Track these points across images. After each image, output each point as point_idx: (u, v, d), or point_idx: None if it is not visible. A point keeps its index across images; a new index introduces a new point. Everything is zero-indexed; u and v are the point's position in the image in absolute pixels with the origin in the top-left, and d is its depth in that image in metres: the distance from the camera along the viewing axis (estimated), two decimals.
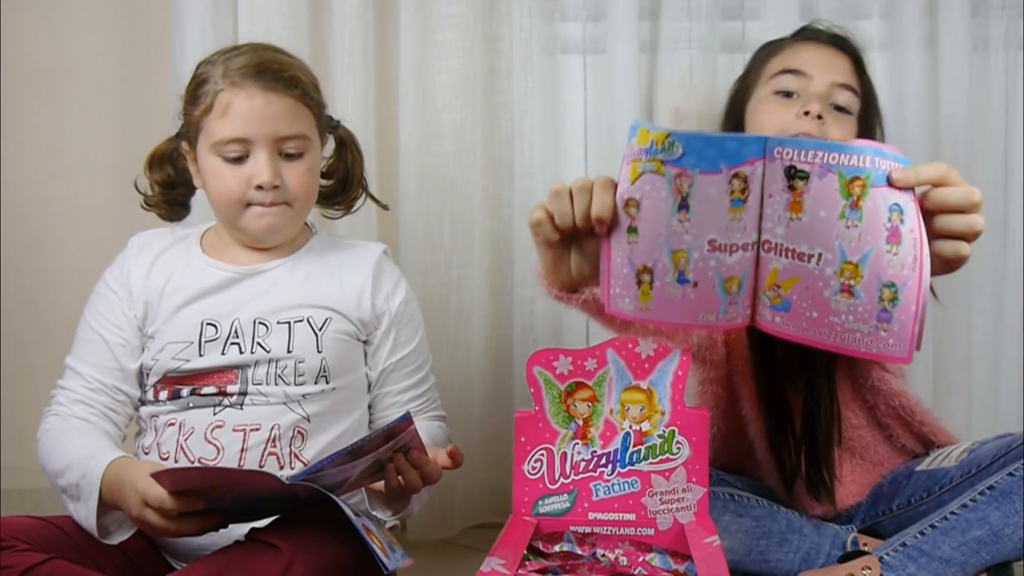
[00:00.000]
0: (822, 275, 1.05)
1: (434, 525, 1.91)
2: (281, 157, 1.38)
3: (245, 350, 1.38)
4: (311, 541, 1.16)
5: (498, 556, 1.21)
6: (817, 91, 1.46)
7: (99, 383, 1.39)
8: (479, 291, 1.92)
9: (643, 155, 1.04)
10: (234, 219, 1.40)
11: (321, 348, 1.40)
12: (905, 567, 1.42)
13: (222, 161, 1.37)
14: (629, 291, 1.10)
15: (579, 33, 1.91)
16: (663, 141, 1.03)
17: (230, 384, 1.37)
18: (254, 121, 1.35)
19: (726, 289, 1.08)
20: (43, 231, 2.02)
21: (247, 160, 1.37)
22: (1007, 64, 1.88)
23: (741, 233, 1.06)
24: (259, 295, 1.41)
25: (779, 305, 1.08)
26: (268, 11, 1.82)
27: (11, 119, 1.99)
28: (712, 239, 1.06)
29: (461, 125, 1.89)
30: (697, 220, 1.05)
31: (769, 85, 1.51)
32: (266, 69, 1.37)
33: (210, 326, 1.39)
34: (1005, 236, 1.89)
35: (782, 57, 1.52)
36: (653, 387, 1.35)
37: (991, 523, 1.43)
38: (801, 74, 1.48)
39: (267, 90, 1.36)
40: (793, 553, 1.50)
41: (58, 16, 2.00)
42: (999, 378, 1.86)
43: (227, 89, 1.36)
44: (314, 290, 1.42)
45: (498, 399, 1.94)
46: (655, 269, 1.07)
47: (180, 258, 1.44)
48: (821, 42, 1.52)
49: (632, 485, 1.34)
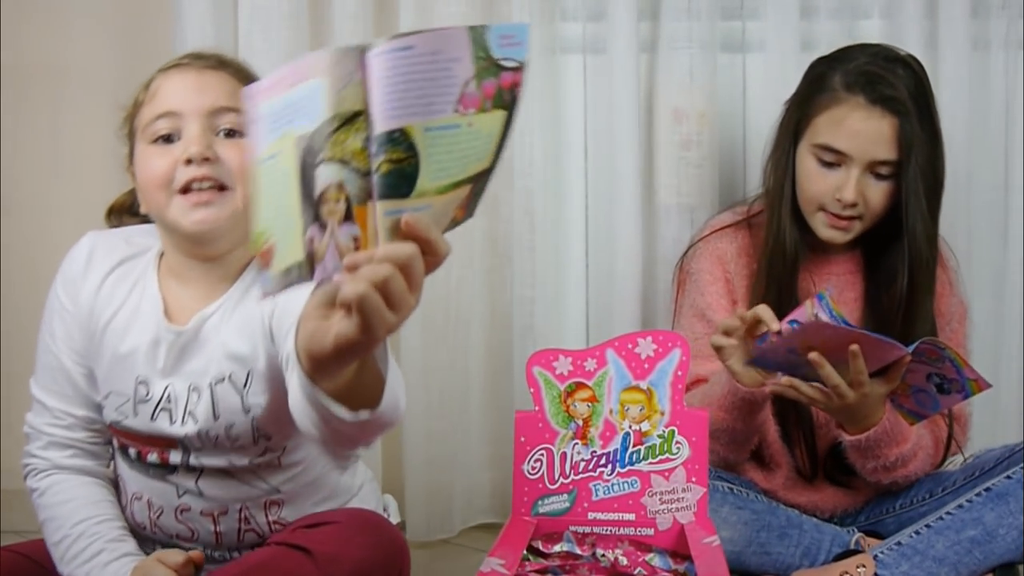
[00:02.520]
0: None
1: (434, 525, 1.91)
2: (218, 135, 1.22)
3: (176, 419, 1.26)
4: (342, 542, 1.15)
5: (498, 556, 1.21)
6: (855, 176, 1.52)
7: (70, 417, 1.32)
8: (479, 292, 1.92)
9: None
10: (162, 213, 1.23)
11: (248, 407, 1.24)
12: (899, 565, 1.43)
13: (148, 144, 1.23)
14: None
15: (579, 33, 1.91)
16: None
17: (172, 450, 1.27)
18: (184, 92, 1.23)
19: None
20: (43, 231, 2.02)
21: (177, 140, 1.22)
22: (1007, 64, 1.88)
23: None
24: (197, 352, 1.25)
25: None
26: (268, 11, 1.82)
27: (11, 119, 1.99)
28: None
29: None
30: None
31: (814, 143, 1.54)
32: (201, 55, 1.28)
33: (142, 385, 1.27)
34: (1005, 236, 1.89)
35: (829, 119, 1.53)
36: (653, 387, 1.35)
37: (985, 523, 1.44)
38: (842, 154, 1.52)
39: (201, 68, 1.25)
40: (794, 547, 1.50)
41: (58, 15, 1.99)
42: (999, 378, 1.85)
43: (159, 76, 1.26)
44: (234, 338, 1.24)
45: (498, 399, 1.94)
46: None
47: (134, 288, 1.29)
48: (870, 101, 1.51)
49: (632, 485, 1.34)
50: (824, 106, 1.54)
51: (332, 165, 0.76)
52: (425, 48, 0.74)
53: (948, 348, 1.40)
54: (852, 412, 1.44)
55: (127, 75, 2.00)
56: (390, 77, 0.74)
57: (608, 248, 1.87)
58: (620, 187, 1.85)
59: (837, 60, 1.57)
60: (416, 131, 0.75)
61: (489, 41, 0.76)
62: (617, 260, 1.86)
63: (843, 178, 1.52)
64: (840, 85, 1.53)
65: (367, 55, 0.75)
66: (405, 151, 0.75)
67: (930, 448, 1.56)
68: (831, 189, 1.53)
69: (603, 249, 1.89)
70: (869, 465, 1.52)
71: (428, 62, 0.74)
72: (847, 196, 1.51)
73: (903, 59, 1.55)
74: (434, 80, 0.75)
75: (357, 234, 0.77)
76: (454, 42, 0.76)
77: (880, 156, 1.51)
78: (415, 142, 0.75)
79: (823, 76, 1.56)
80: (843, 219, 1.54)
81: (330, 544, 1.14)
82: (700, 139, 1.86)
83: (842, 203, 1.52)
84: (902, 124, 1.50)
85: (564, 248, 1.93)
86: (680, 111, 1.87)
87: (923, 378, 1.43)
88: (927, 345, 1.40)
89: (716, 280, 1.62)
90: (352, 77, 0.75)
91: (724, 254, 1.63)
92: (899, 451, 1.50)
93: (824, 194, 1.54)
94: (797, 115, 1.57)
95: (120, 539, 1.28)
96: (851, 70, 1.53)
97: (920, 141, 1.50)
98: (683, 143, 1.87)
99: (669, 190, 1.87)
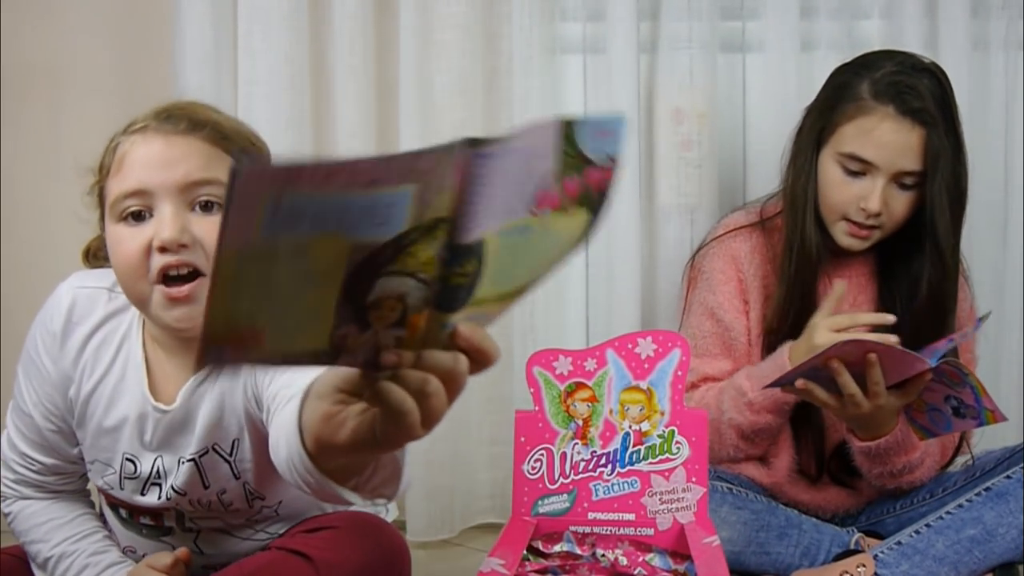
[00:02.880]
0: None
1: (435, 525, 1.91)
2: (194, 211, 1.12)
3: (163, 494, 1.23)
4: (341, 547, 1.14)
5: (498, 556, 1.21)
6: (880, 186, 1.51)
7: (40, 464, 1.28)
8: None
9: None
10: (143, 304, 1.15)
11: (238, 472, 1.22)
12: (899, 564, 1.43)
13: (117, 223, 1.13)
14: None
15: (579, 33, 1.90)
16: None
17: (165, 515, 1.25)
18: (152, 167, 1.11)
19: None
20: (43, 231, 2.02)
21: (149, 218, 1.12)
22: (1007, 64, 1.88)
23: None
24: (184, 427, 1.21)
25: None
26: (268, 11, 1.81)
27: (11, 119, 1.99)
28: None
29: (461, 125, 1.88)
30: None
31: (840, 151, 1.53)
32: (172, 115, 1.15)
33: (129, 462, 1.23)
34: (1005, 236, 1.89)
35: (856, 129, 1.52)
36: (653, 387, 1.35)
37: (985, 522, 1.45)
38: (868, 163, 1.51)
39: (169, 134, 1.13)
40: (793, 547, 1.50)
41: (58, 15, 1.99)
42: (999, 377, 1.85)
43: (124, 140, 1.15)
44: (232, 397, 1.19)
45: (498, 399, 1.94)
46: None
47: (119, 354, 1.23)
48: (899, 112, 1.49)
49: (632, 485, 1.34)
50: (851, 115, 1.52)
51: (399, 277, 0.63)
52: (521, 146, 0.64)
53: (971, 375, 1.39)
54: (865, 420, 1.45)
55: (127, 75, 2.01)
56: (483, 183, 0.62)
57: (608, 248, 1.87)
58: (620, 187, 1.84)
59: (863, 68, 1.55)
60: (490, 238, 0.65)
61: (580, 133, 0.67)
62: (617, 260, 1.86)
63: (868, 187, 1.51)
64: (868, 94, 1.51)
65: (468, 155, 0.61)
66: (479, 262, 0.65)
67: (937, 455, 1.57)
68: (855, 198, 1.52)
69: (603, 249, 1.89)
70: (876, 470, 1.53)
71: (518, 162, 0.64)
72: (872, 206, 1.51)
73: (929, 68, 1.54)
74: (516, 180, 0.64)
75: (402, 335, 0.65)
76: (545, 136, 0.66)
77: (907, 167, 1.50)
78: (487, 250, 0.65)
79: (849, 84, 1.54)
80: (864, 228, 1.54)
81: (329, 550, 1.14)
82: (700, 139, 1.86)
83: (866, 213, 1.52)
84: (930, 135, 1.49)
85: None
86: (680, 111, 1.87)
87: (941, 399, 1.43)
88: (950, 367, 1.39)
89: (729, 280, 1.62)
90: (444, 183, 0.61)
91: (738, 254, 1.63)
92: (907, 459, 1.51)
93: (848, 203, 1.53)
94: (821, 122, 1.56)
95: (102, 551, 1.26)
96: (879, 79, 1.51)
97: (946, 153, 1.50)
98: (683, 143, 1.87)
99: (669, 190, 1.87)
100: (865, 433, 1.48)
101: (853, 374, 1.38)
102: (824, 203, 1.56)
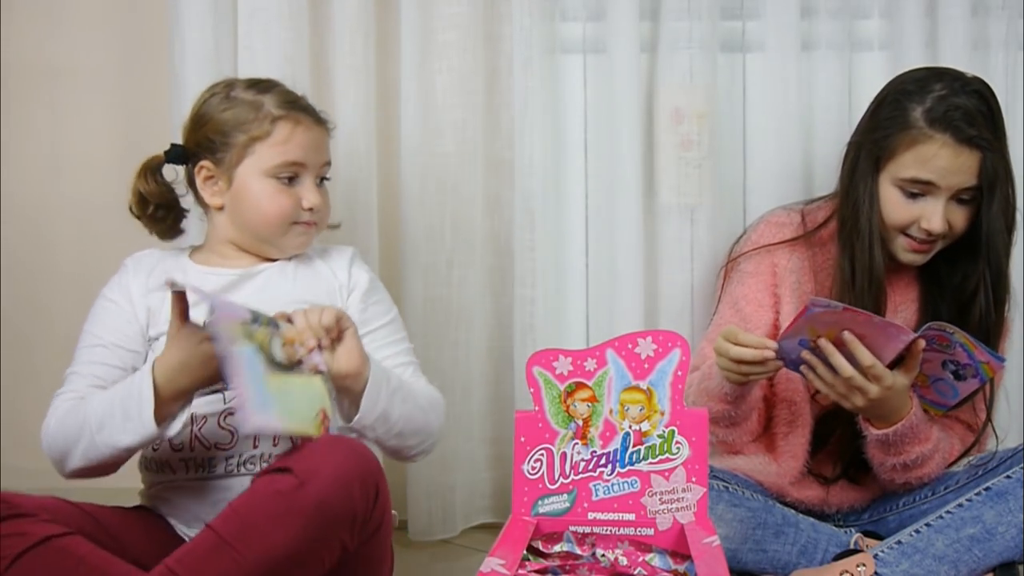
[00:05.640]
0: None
1: (434, 525, 1.91)
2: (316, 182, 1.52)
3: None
4: (319, 456, 1.21)
5: (498, 556, 1.21)
6: (941, 205, 1.53)
7: (99, 380, 1.42)
8: (480, 291, 1.92)
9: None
10: (275, 237, 1.51)
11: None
12: (899, 563, 1.44)
13: (276, 182, 1.49)
14: None
15: (579, 33, 1.91)
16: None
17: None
18: (310, 149, 1.50)
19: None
20: (43, 231, 2.02)
21: (294, 184, 1.50)
22: (1007, 64, 1.88)
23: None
24: (254, 295, 1.47)
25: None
26: (268, 11, 1.81)
27: (11, 119, 1.99)
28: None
29: (462, 125, 1.89)
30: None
31: (900, 176, 1.54)
32: (307, 106, 1.53)
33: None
34: None
35: (915, 157, 1.52)
36: (653, 387, 1.35)
37: (985, 521, 1.45)
38: (929, 184, 1.52)
39: (316, 123, 1.52)
40: (790, 545, 1.51)
41: (58, 15, 2.00)
42: None
43: (286, 119, 1.49)
44: (301, 288, 1.51)
45: (498, 399, 1.94)
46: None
47: (175, 271, 1.49)
48: (957, 141, 1.50)
49: (632, 485, 1.34)
50: (908, 144, 1.53)
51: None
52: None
53: (956, 332, 1.42)
54: (880, 406, 1.47)
55: (127, 75, 2.01)
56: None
57: (608, 248, 1.87)
58: (620, 187, 1.85)
59: (913, 93, 1.54)
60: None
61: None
62: (617, 260, 1.86)
63: (930, 207, 1.53)
64: (924, 122, 1.51)
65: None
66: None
67: (947, 452, 1.58)
68: (916, 217, 1.54)
69: (603, 249, 1.89)
70: (889, 462, 1.53)
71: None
72: (935, 226, 1.53)
73: (976, 88, 1.54)
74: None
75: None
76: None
77: (966, 184, 1.52)
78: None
79: (902, 111, 1.54)
80: (926, 243, 1.56)
81: (308, 459, 1.20)
82: (700, 139, 1.86)
83: (928, 231, 1.54)
84: (985, 157, 1.51)
85: (564, 248, 1.93)
86: (680, 111, 1.87)
87: (939, 367, 1.47)
88: (935, 331, 1.42)
89: (760, 275, 1.65)
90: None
91: (778, 262, 1.65)
92: (920, 449, 1.52)
93: (908, 222, 1.55)
94: (876, 151, 1.56)
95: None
96: (932, 107, 1.51)
97: (1001, 174, 1.52)
98: (683, 143, 1.87)
99: (669, 190, 1.87)
100: (883, 421, 1.49)
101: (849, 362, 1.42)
102: (884, 223, 1.57)
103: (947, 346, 1.43)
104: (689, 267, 1.84)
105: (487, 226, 1.93)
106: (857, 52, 1.87)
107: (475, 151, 1.90)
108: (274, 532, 1.17)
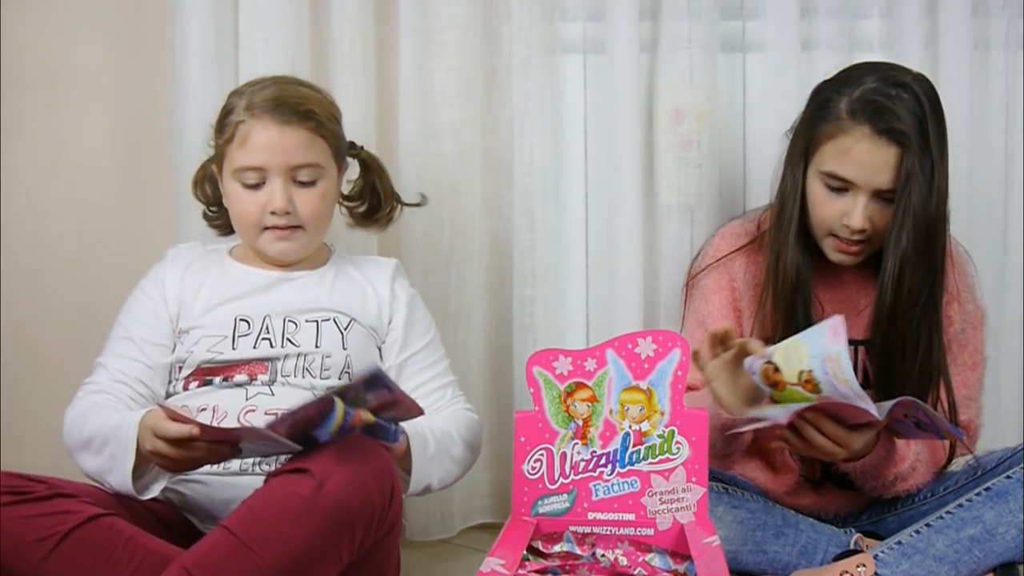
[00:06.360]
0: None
1: (434, 525, 1.91)
2: (295, 184, 1.49)
3: (276, 344, 1.48)
4: (338, 460, 1.20)
5: (498, 556, 1.21)
6: (861, 203, 1.50)
7: (123, 375, 1.47)
8: (479, 291, 1.92)
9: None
10: (252, 241, 1.53)
11: (346, 345, 1.50)
12: (899, 564, 1.44)
13: (240, 187, 1.50)
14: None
15: (579, 33, 1.90)
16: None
17: (260, 374, 1.47)
18: (269, 151, 1.47)
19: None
20: (43, 231, 2.02)
21: (263, 187, 1.49)
22: (1007, 64, 1.88)
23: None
24: (289, 297, 1.53)
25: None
26: (268, 11, 1.81)
27: (11, 119, 1.98)
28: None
29: (461, 125, 1.89)
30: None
31: (821, 169, 1.52)
32: (284, 103, 1.48)
33: (243, 322, 1.50)
34: (1005, 236, 1.89)
35: (835, 148, 1.50)
36: (653, 387, 1.35)
37: (985, 521, 1.45)
38: (848, 181, 1.50)
39: (282, 123, 1.47)
40: (790, 546, 1.51)
41: (58, 16, 1.99)
42: (999, 378, 1.85)
43: (247, 120, 1.48)
44: (339, 298, 1.54)
45: (498, 399, 1.94)
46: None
47: (212, 266, 1.56)
48: (875, 132, 1.47)
49: (632, 485, 1.34)
50: (830, 134, 1.50)
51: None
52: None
53: (922, 407, 1.37)
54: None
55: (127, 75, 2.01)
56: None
57: (608, 248, 1.87)
58: (620, 187, 1.85)
59: (843, 84, 1.52)
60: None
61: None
62: (617, 260, 1.86)
63: (850, 204, 1.51)
64: (846, 113, 1.49)
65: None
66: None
67: (929, 460, 1.57)
68: (839, 214, 1.51)
69: (603, 249, 1.89)
70: (868, 485, 1.54)
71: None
72: (855, 223, 1.50)
73: (909, 84, 1.49)
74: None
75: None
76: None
77: (885, 184, 1.49)
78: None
79: (828, 102, 1.52)
80: (852, 243, 1.53)
81: (324, 459, 1.20)
82: (700, 139, 1.86)
83: (850, 229, 1.51)
84: (903, 155, 1.46)
85: (564, 248, 1.93)
86: (680, 111, 1.87)
87: (901, 415, 1.41)
88: (902, 409, 1.38)
89: (721, 290, 1.63)
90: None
91: (733, 269, 1.63)
92: (896, 470, 1.51)
93: (832, 219, 1.52)
94: (804, 141, 1.55)
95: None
96: (857, 98, 1.49)
97: (917, 174, 1.46)
98: (683, 143, 1.87)
99: (669, 190, 1.87)
100: (851, 459, 1.45)
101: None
102: (812, 220, 1.55)
103: (911, 408, 1.38)
104: (689, 267, 1.84)
105: (486, 226, 1.93)
106: (857, 52, 1.87)
107: (474, 151, 1.90)
108: (293, 534, 1.16)
